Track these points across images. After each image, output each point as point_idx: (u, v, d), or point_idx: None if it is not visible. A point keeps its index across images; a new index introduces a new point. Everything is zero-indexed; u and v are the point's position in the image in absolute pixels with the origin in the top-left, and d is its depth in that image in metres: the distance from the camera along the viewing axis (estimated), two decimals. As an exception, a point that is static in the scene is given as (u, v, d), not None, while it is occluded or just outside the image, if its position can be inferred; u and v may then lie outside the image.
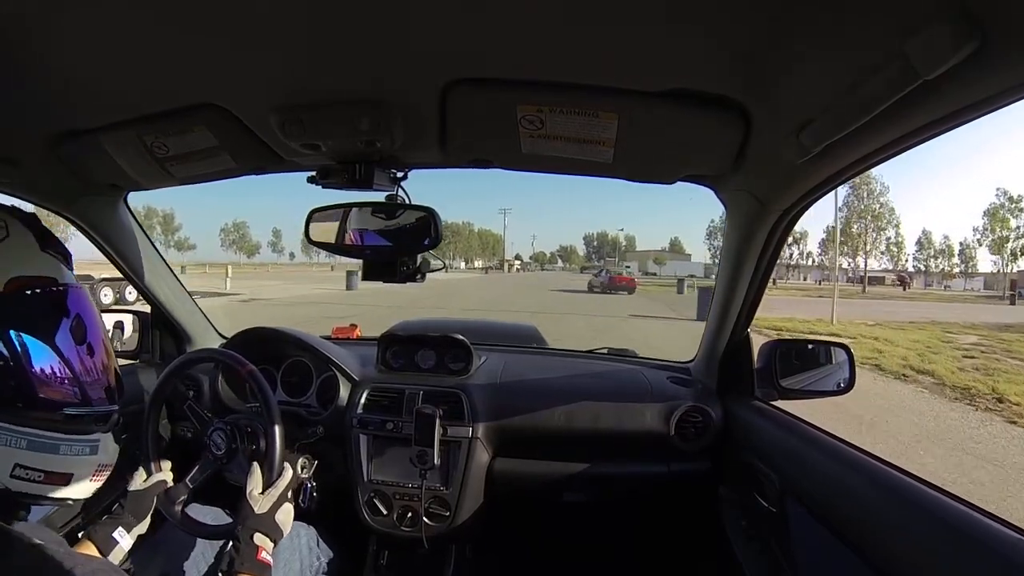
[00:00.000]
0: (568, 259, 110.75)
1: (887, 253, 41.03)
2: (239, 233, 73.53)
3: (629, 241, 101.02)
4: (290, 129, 0.86)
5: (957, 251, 49.74)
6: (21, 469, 0.58)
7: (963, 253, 49.67)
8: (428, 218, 1.02)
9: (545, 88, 0.74)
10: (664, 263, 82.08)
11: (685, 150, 0.90)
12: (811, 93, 0.65)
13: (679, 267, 77.01)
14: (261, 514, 0.91)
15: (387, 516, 1.34)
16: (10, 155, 0.98)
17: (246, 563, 0.84)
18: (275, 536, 0.91)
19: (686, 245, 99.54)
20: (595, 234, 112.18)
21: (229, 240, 72.90)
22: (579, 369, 1.60)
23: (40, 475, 0.60)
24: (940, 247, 48.49)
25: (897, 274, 45.86)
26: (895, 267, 41.78)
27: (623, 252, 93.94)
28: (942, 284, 51.39)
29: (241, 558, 0.85)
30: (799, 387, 1.32)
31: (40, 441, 0.60)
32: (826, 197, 0.97)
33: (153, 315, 1.57)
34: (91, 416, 0.65)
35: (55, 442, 0.61)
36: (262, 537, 0.88)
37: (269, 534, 0.90)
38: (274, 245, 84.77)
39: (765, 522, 1.10)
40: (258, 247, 78.74)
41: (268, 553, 0.88)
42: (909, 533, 0.72)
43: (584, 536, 1.64)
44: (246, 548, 0.86)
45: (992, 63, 0.46)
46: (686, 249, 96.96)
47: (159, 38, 0.64)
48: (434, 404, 1.34)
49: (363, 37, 0.64)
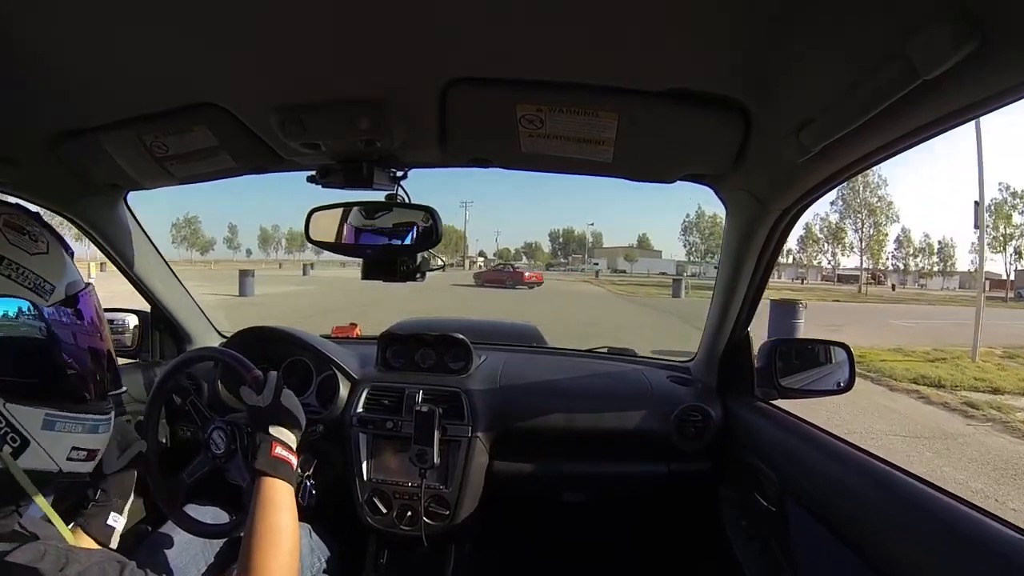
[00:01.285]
0: (533, 256, 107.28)
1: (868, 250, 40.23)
2: (191, 229, 68.12)
3: (596, 238, 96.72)
4: (290, 129, 0.86)
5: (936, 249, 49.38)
6: (75, 451, 0.66)
7: (942, 251, 49.28)
8: (428, 217, 1.02)
9: (545, 88, 0.74)
10: (635, 260, 79.35)
11: (685, 150, 0.89)
12: (811, 93, 0.65)
13: (650, 264, 75.65)
14: (264, 407, 0.91)
15: (387, 515, 1.34)
16: (10, 155, 0.98)
17: (260, 460, 0.84)
18: (288, 421, 0.91)
19: (655, 241, 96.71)
20: (561, 230, 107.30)
21: (180, 236, 67.61)
22: (579, 368, 1.60)
23: (85, 454, 0.67)
24: (920, 245, 48.10)
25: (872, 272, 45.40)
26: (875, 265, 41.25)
27: (590, 249, 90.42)
28: (917, 283, 51.09)
29: (258, 458, 0.85)
30: (799, 386, 1.31)
31: (91, 423, 0.68)
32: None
33: (153, 315, 1.57)
34: (115, 396, 0.75)
35: (97, 423, 0.69)
36: (277, 428, 0.89)
37: (283, 423, 0.90)
38: (230, 241, 79.32)
39: (765, 522, 1.10)
40: (212, 243, 73.82)
41: (286, 448, 0.87)
42: (909, 533, 0.72)
43: (584, 535, 1.64)
44: (261, 446, 0.86)
45: (992, 63, 0.46)
46: (655, 245, 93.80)
47: (159, 38, 0.64)
48: (434, 403, 1.34)
49: (363, 37, 0.64)
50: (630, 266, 76.67)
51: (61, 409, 0.64)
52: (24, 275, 0.61)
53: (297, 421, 0.93)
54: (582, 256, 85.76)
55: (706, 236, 56.86)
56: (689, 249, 60.16)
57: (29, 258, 0.63)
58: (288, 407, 0.92)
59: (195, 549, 1.09)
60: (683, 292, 22.65)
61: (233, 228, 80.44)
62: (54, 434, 0.63)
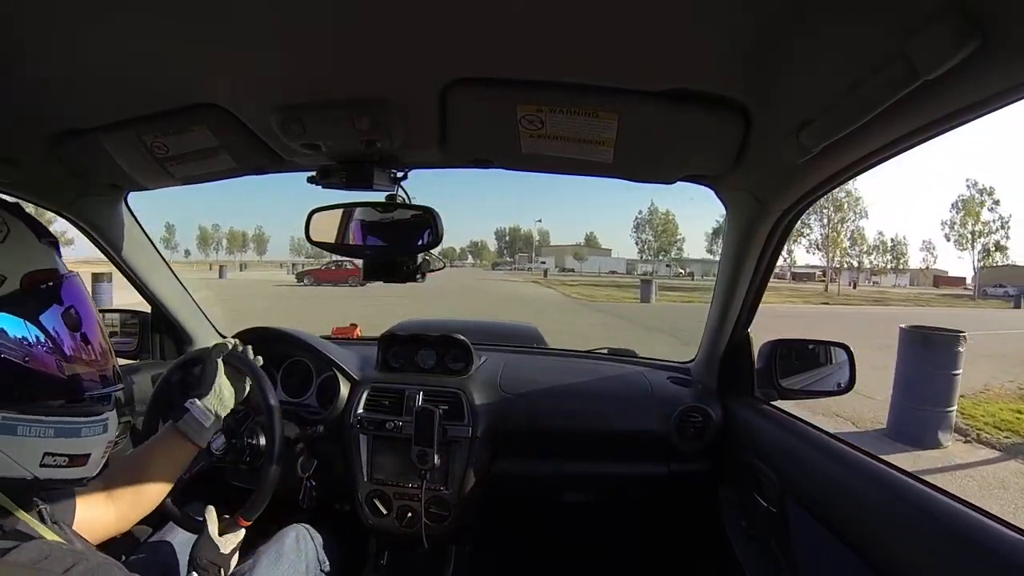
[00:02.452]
0: (479, 255, 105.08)
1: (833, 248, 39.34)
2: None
3: (543, 236, 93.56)
4: (290, 129, 0.86)
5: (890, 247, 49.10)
6: (50, 457, 0.60)
7: (895, 249, 49.07)
8: (428, 217, 1.02)
9: (545, 88, 0.74)
10: (584, 258, 76.70)
11: (685, 150, 0.89)
12: (811, 93, 0.65)
13: (600, 263, 73.70)
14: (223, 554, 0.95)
15: (387, 516, 1.34)
16: (10, 155, 0.98)
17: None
18: (227, 571, 0.96)
19: (604, 239, 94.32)
20: (507, 229, 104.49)
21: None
22: (579, 369, 1.60)
23: (65, 459, 0.62)
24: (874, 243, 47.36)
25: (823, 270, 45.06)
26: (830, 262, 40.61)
27: (538, 247, 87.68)
28: (870, 280, 50.82)
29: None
30: (799, 387, 1.32)
31: (65, 427, 0.62)
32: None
33: (153, 315, 1.57)
34: (102, 397, 0.68)
35: (77, 426, 0.63)
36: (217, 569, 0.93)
37: (223, 568, 0.95)
38: (167, 241, 75.74)
39: (765, 522, 1.10)
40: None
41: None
42: (909, 533, 0.72)
43: (584, 536, 1.64)
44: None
45: (992, 63, 0.46)
46: (603, 243, 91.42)
47: (159, 38, 0.64)
48: (434, 404, 1.34)
49: (363, 37, 0.64)
50: (579, 265, 74.45)
51: (21, 412, 0.58)
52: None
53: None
54: (529, 255, 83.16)
55: (659, 233, 55.31)
56: (641, 247, 57.64)
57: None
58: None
59: None
60: (653, 296, 18.48)
61: (170, 228, 77.45)
62: (17, 439, 0.57)
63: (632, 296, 19.98)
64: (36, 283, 0.60)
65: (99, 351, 0.67)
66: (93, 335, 0.66)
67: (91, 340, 0.66)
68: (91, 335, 0.66)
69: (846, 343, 1.30)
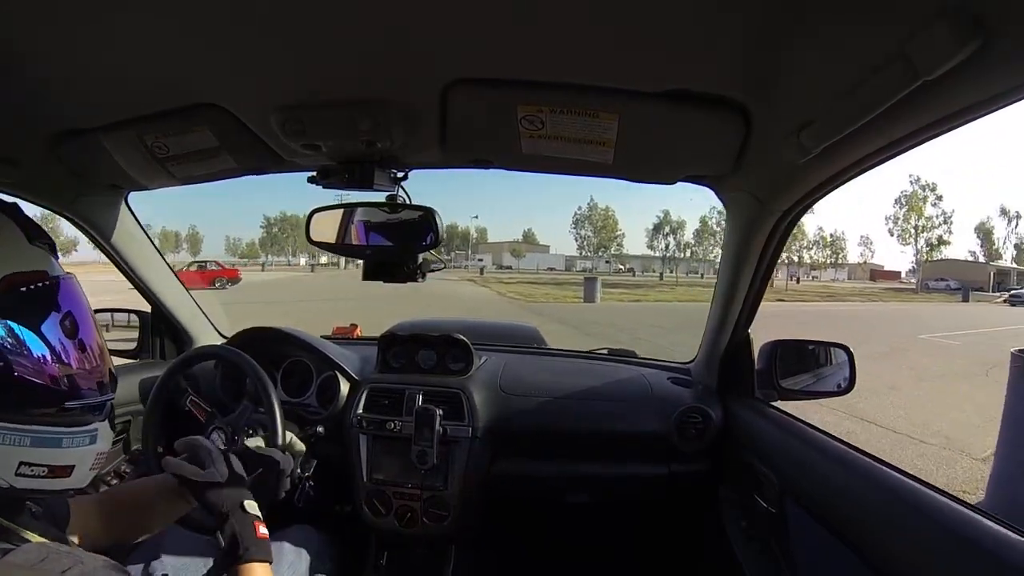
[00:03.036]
0: None
1: None
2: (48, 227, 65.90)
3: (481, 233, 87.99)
4: (291, 129, 0.86)
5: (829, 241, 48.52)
6: (26, 466, 0.57)
7: (834, 244, 48.60)
8: (428, 217, 1.02)
9: (545, 88, 0.74)
10: (522, 255, 72.39)
11: (686, 151, 0.89)
12: (811, 94, 0.65)
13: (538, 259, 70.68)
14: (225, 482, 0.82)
15: (387, 516, 1.34)
16: (10, 155, 0.98)
17: (250, 546, 0.75)
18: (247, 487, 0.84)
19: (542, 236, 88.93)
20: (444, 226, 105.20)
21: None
22: (579, 370, 1.60)
23: (44, 470, 0.59)
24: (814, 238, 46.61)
25: None
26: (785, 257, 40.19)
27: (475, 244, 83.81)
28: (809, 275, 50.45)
29: (243, 540, 0.75)
30: (799, 388, 1.32)
31: (43, 437, 0.59)
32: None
33: (153, 315, 1.57)
34: (90, 407, 0.64)
35: (58, 436, 0.60)
36: (252, 503, 0.81)
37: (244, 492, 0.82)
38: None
39: (765, 522, 1.10)
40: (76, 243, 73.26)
41: (261, 522, 0.79)
42: (908, 533, 0.72)
43: (584, 536, 1.64)
44: (242, 526, 0.77)
45: (992, 63, 0.46)
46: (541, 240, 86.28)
47: (159, 38, 0.64)
48: (434, 404, 1.34)
49: (363, 38, 0.64)
50: (516, 262, 70.45)
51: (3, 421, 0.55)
52: None
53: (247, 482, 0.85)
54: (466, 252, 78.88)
55: (598, 229, 52.18)
56: (580, 243, 54.25)
57: None
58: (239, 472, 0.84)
59: (195, 549, 1.09)
60: (598, 294, 16.92)
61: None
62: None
63: (574, 295, 18.56)
64: (15, 285, 0.58)
65: (91, 359, 0.64)
66: (87, 341, 0.63)
67: (86, 347, 0.63)
68: (86, 341, 0.63)
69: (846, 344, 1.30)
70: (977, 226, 53.93)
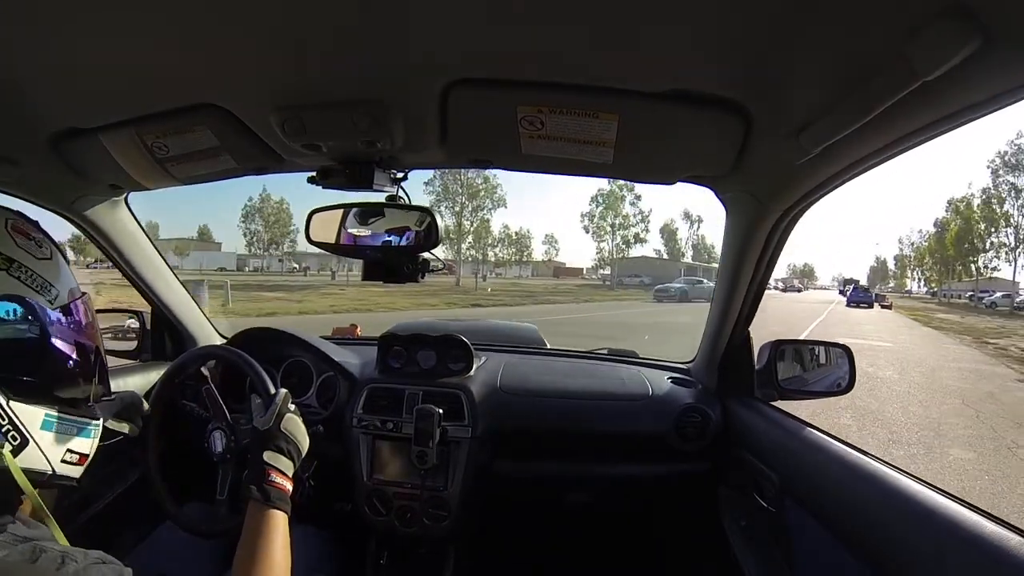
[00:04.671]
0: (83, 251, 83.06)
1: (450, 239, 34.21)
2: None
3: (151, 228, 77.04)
4: (291, 130, 0.86)
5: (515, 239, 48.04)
6: (69, 454, 0.67)
7: (520, 242, 48.46)
8: (428, 218, 1.02)
9: (545, 88, 0.74)
10: (186, 254, 57.61)
11: (686, 151, 0.90)
12: (811, 93, 0.65)
13: (206, 258, 59.01)
14: (264, 430, 0.88)
15: (387, 516, 1.34)
16: (10, 155, 0.98)
17: (252, 487, 0.80)
18: (286, 446, 0.87)
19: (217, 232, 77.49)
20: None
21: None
22: (579, 370, 1.60)
23: (77, 457, 0.69)
24: (499, 235, 45.46)
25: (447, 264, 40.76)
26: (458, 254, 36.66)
27: None
28: (494, 272, 49.84)
29: (251, 484, 0.81)
30: (799, 387, 1.32)
31: (83, 427, 0.70)
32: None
33: (153, 315, 1.57)
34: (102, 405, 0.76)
35: (90, 427, 0.72)
36: (272, 454, 0.85)
37: (280, 448, 0.86)
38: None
39: (765, 522, 1.10)
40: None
41: (283, 476, 0.83)
42: (908, 533, 0.72)
43: (584, 536, 1.64)
44: (253, 472, 0.82)
45: (992, 63, 0.46)
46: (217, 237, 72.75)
47: (159, 38, 0.64)
48: (434, 404, 1.34)
49: (364, 38, 0.64)
50: (180, 261, 56.82)
51: (59, 411, 0.65)
52: (32, 278, 0.64)
53: (297, 449, 0.89)
54: None
55: (270, 223, 45.59)
56: (250, 239, 46.86)
57: (36, 262, 0.65)
58: (288, 432, 0.89)
59: (194, 549, 1.09)
60: (207, 297, 12.56)
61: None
62: (51, 435, 0.64)
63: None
64: (75, 298, 0.70)
65: (103, 361, 0.76)
66: (100, 346, 0.75)
67: (100, 350, 0.75)
68: (100, 346, 0.75)
69: (846, 344, 1.30)
70: (662, 227, 57.25)
